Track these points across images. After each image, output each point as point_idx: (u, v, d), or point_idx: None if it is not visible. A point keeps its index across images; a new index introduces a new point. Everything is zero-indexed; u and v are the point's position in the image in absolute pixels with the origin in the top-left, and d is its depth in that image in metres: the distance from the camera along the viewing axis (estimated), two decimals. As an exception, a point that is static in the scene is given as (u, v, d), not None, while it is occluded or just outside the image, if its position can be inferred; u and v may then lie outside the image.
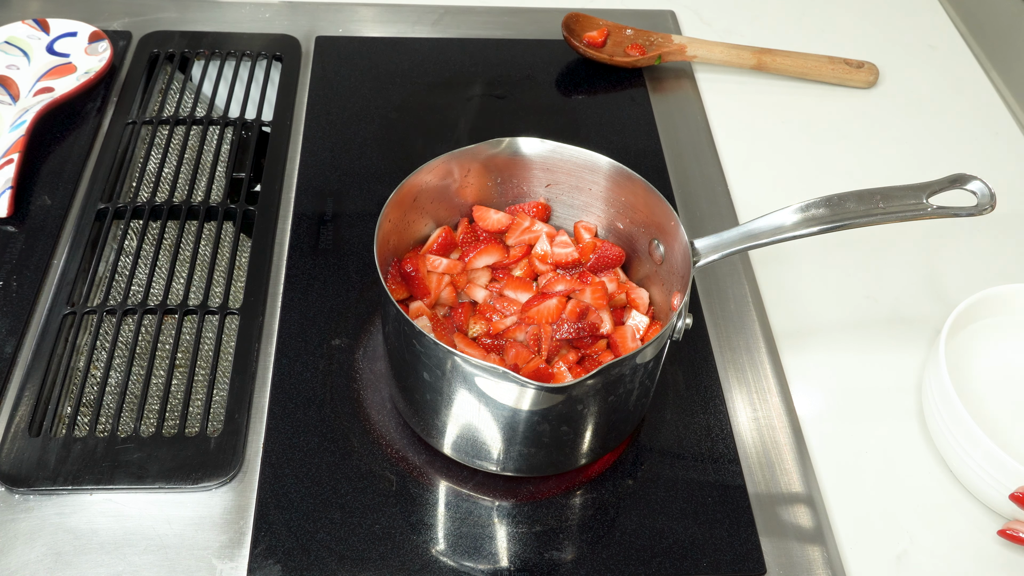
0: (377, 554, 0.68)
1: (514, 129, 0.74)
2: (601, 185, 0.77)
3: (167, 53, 1.06)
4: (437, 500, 0.72)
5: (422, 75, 1.07)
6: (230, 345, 0.80)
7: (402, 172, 0.71)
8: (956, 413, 0.70)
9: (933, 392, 0.73)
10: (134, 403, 0.76)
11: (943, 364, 0.71)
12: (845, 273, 0.89)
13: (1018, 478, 0.67)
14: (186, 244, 0.89)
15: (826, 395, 0.79)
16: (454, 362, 0.63)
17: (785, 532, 0.72)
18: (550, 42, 1.12)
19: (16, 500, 0.69)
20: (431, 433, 0.72)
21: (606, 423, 0.70)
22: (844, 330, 0.84)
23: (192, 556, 0.67)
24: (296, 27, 1.12)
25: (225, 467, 0.71)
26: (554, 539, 0.70)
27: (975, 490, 0.72)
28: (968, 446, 0.70)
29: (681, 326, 0.68)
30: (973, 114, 1.07)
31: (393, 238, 0.73)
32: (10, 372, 0.76)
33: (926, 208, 0.70)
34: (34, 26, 1.04)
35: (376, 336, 0.81)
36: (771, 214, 0.71)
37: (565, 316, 0.71)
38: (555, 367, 0.69)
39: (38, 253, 0.85)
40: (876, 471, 0.74)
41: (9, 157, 0.90)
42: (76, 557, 0.66)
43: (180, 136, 0.99)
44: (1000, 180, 0.77)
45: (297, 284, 0.84)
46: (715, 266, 0.78)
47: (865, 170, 0.99)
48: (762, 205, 0.94)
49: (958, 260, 0.91)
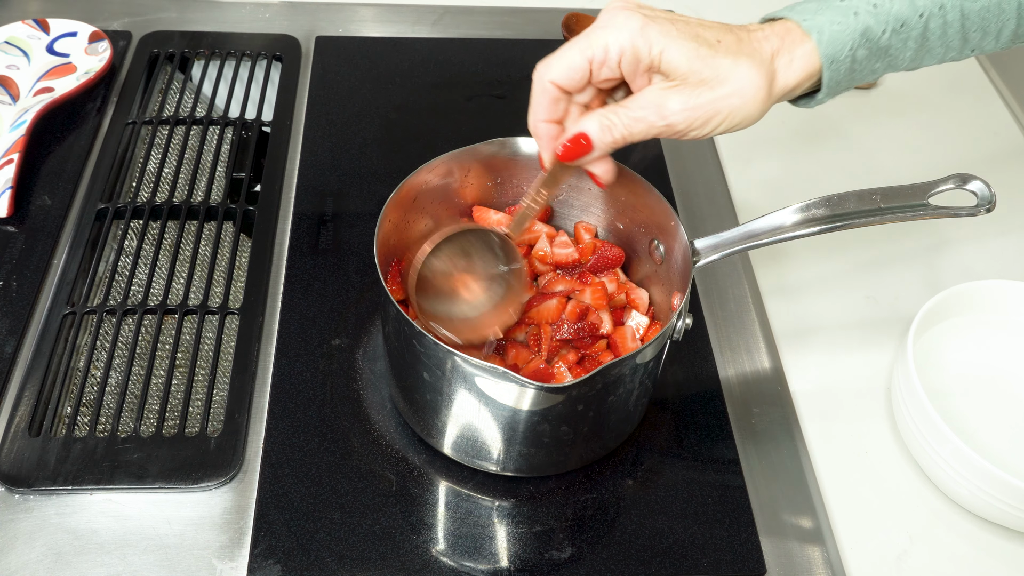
0: (377, 554, 0.68)
1: (514, 129, 0.74)
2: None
3: (167, 53, 1.06)
4: (437, 500, 0.72)
5: (422, 75, 1.07)
6: (230, 345, 0.80)
7: (402, 172, 0.71)
8: (924, 411, 0.70)
9: (901, 390, 0.73)
10: (134, 403, 0.76)
11: (911, 362, 0.71)
12: (845, 273, 0.89)
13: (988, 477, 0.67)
14: (186, 244, 0.89)
15: (826, 395, 0.79)
16: (454, 362, 0.63)
17: (785, 532, 0.72)
18: (550, 42, 1.12)
19: (16, 500, 0.69)
20: (431, 433, 0.72)
21: (606, 423, 0.70)
22: (844, 330, 0.84)
23: (192, 556, 0.67)
24: (296, 27, 1.12)
25: (225, 467, 0.71)
26: (554, 539, 0.70)
27: (945, 489, 0.72)
28: (936, 443, 0.70)
29: (681, 326, 0.68)
30: (973, 114, 1.07)
31: (393, 238, 0.73)
32: (10, 372, 0.76)
33: (926, 208, 0.70)
34: (34, 26, 1.04)
35: (376, 336, 0.81)
36: (771, 214, 0.70)
37: (565, 316, 0.71)
38: (555, 367, 0.69)
39: (38, 253, 0.85)
40: (876, 471, 0.74)
41: (9, 157, 0.90)
42: (76, 557, 0.66)
43: (180, 136, 0.99)
44: (1000, 180, 0.77)
45: (297, 284, 0.84)
46: (715, 266, 0.78)
47: (865, 170, 0.99)
48: (762, 205, 0.94)
49: (958, 260, 0.91)
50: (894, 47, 0.62)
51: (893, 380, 0.77)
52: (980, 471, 0.67)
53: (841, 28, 0.60)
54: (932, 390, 0.74)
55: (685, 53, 0.57)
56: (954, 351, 0.79)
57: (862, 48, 0.61)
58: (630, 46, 0.57)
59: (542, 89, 0.61)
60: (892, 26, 0.61)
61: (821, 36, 0.60)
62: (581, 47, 0.59)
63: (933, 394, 0.73)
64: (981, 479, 0.67)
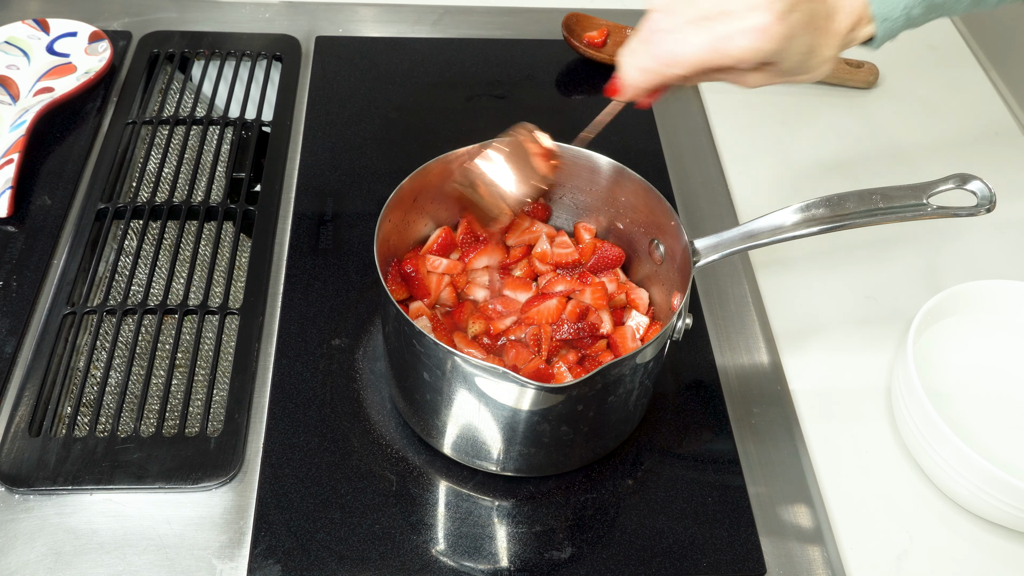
0: (377, 554, 0.68)
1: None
2: (601, 185, 0.77)
3: (167, 53, 1.06)
4: (437, 500, 0.72)
5: (422, 75, 1.07)
6: (230, 345, 0.80)
7: (402, 172, 0.71)
8: (924, 411, 0.70)
9: (901, 390, 0.73)
10: (134, 403, 0.76)
11: (911, 362, 0.71)
12: (845, 273, 0.89)
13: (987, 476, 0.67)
14: (186, 244, 0.89)
15: (826, 395, 0.79)
16: (454, 362, 0.63)
17: (785, 532, 0.72)
18: (550, 42, 1.12)
19: (16, 500, 0.69)
20: (431, 433, 0.72)
21: (606, 423, 0.70)
22: (844, 330, 0.84)
23: (192, 556, 0.67)
24: (296, 27, 1.12)
25: (225, 467, 0.71)
26: (554, 539, 0.70)
27: (945, 489, 0.72)
28: (936, 443, 0.70)
29: (681, 326, 0.68)
30: (973, 114, 1.07)
31: (393, 238, 0.73)
32: (10, 372, 0.76)
33: (926, 208, 0.70)
34: (34, 26, 1.04)
35: (376, 336, 0.81)
36: (771, 214, 0.71)
37: (565, 316, 0.71)
38: (555, 367, 0.69)
39: (38, 253, 0.85)
40: (876, 471, 0.74)
41: (9, 157, 0.90)
42: (76, 557, 0.67)
43: (180, 136, 0.99)
44: (1000, 180, 0.77)
45: (297, 284, 0.84)
46: (715, 266, 0.78)
47: (865, 170, 0.99)
48: (762, 205, 0.93)
49: (958, 260, 0.91)
50: (949, 2, 0.63)
51: (893, 380, 0.77)
52: (980, 471, 0.67)
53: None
54: (932, 390, 0.74)
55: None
56: (954, 351, 0.79)
57: (918, 7, 0.62)
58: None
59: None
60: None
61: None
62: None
63: (933, 394, 0.73)
64: (981, 479, 0.67)
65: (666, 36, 0.60)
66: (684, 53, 0.59)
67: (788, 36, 0.59)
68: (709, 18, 0.59)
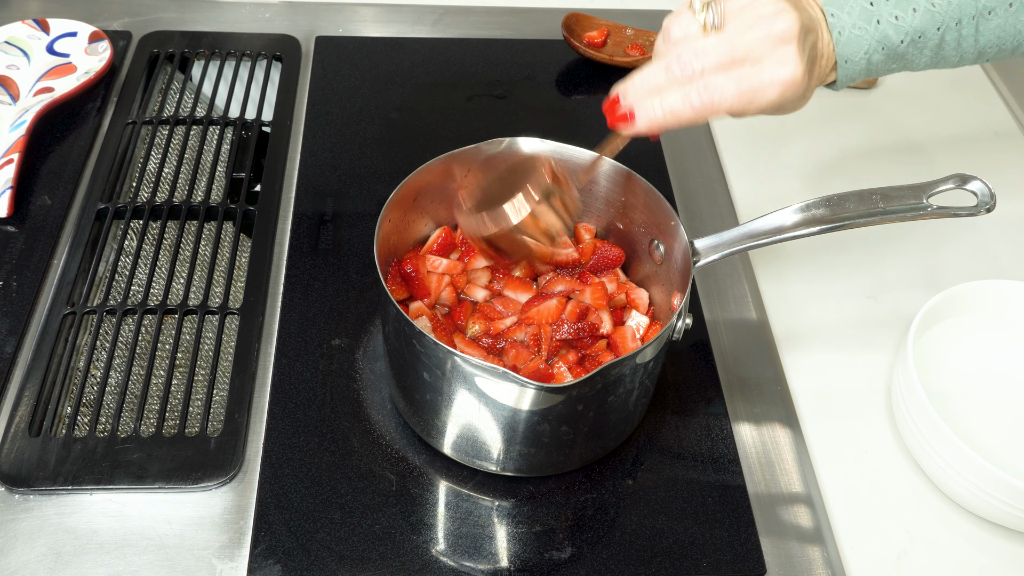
0: (377, 554, 0.68)
1: (514, 129, 0.74)
2: (601, 185, 0.77)
3: (167, 53, 1.06)
4: (437, 500, 0.72)
5: (422, 75, 1.07)
6: (230, 345, 0.80)
7: (402, 172, 0.71)
8: (924, 411, 0.70)
9: (901, 390, 0.73)
10: (134, 403, 0.76)
11: (911, 362, 0.71)
12: (845, 273, 0.89)
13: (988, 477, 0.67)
14: (186, 244, 0.89)
15: (826, 395, 0.79)
16: (454, 362, 0.63)
17: (785, 532, 0.72)
18: (550, 42, 1.12)
19: (16, 500, 0.69)
20: (431, 433, 0.72)
21: (606, 423, 0.70)
22: (844, 330, 0.84)
23: (192, 556, 0.67)
24: (296, 27, 1.12)
25: (225, 467, 0.71)
26: (554, 539, 0.70)
27: (945, 489, 0.72)
28: (936, 443, 0.70)
29: (681, 326, 0.68)
30: (973, 114, 1.07)
31: (393, 238, 0.73)
32: (10, 372, 0.76)
33: (926, 208, 0.70)
34: (34, 26, 1.04)
35: (376, 336, 0.81)
36: (771, 214, 0.71)
37: (565, 316, 0.71)
38: (555, 367, 0.69)
39: (38, 253, 0.85)
40: (876, 471, 0.74)
41: (9, 157, 0.90)
42: (76, 557, 0.67)
43: (180, 136, 0.99)
44: (1000, 180, 0.77)
45: (297, 284, 0.84)
46: (715, 266, 0.78)
47: (865, 170, 0.99)
48: (762, 205, 0.93)
49: (958, 260, 0.91)
50: (910, 54, 0.64)
51: (893, 380, 0.77)
52: (980, 471, 0.67)
53: (861, 34, 0.62)
54: (932, 390, 0.74)
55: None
56: (954, 351, 0.79)
57: (878, 53, 0.63)
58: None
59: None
60: (910, 37, 0.63)
61: (840, 37, 0.62)
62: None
63: (933, 394, 0.73)
64: (981, 479, 0.67)
65: (701, 81, 0.60)
66: (720, 103, 0.60)
67: (809, 88, 0.61)
68: (736, 62, 0.59)
